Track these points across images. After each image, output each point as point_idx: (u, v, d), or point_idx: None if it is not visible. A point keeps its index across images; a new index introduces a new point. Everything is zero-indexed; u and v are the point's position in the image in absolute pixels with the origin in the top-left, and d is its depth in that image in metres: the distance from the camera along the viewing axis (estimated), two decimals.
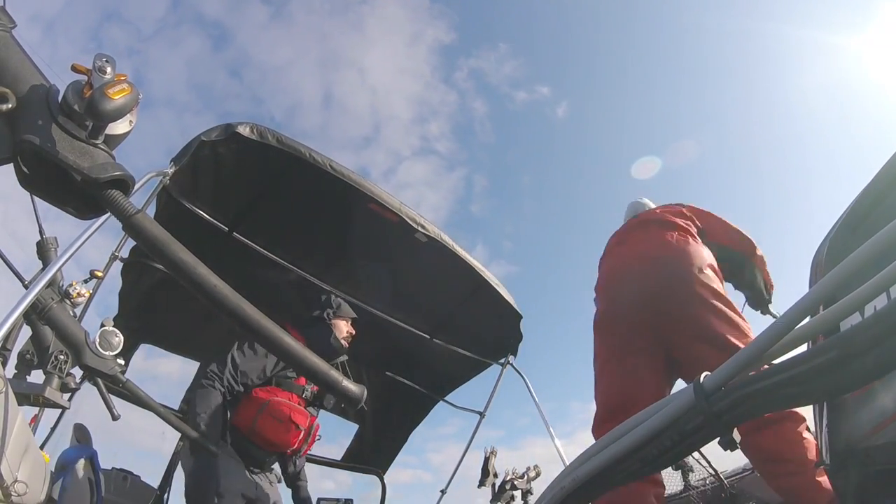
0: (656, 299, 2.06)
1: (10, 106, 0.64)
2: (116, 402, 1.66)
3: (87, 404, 1.79)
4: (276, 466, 2.37)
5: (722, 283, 2.15)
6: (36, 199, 1.31)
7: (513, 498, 2.96)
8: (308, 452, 2.49)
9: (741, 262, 2.37)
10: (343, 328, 2.45)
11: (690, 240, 2.21)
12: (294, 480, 2.44)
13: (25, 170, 0.67)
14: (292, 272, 2.92)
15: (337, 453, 3.67)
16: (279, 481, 2.38)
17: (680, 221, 2.31)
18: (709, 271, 2.09)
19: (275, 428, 2.13)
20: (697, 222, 2.35)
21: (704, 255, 2.15)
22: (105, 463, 2.17)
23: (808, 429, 1.81)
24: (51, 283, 1.46)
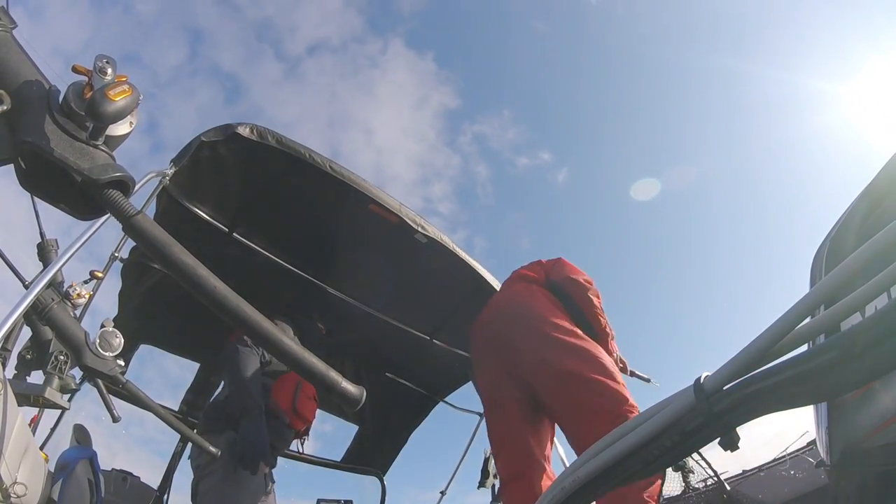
0: (504, 340, 2.22)
1: (5, 108, 0.64)
2: (116, 402, 1.66)
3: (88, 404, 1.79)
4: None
5: (563, 317, 2.22)
6: (36, 199, 1.31)
7: None
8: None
9: (570, 303, 2.36)
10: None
11: (536, 287, 2.38)
12: None
13: (26, 170, 0.67)
14: (292, 272, 2.92)
15: (337, 454, 3.68)
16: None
17: (532, 273, 2.48)
18: (546, 308, 2.22)
19: (309, 406, 2.33)
20: (549, 270, 2.49)
21: (544, 297, 2.29)
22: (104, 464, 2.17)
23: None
24: (51, 284, 1.46)
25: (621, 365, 2.33)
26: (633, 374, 2.51)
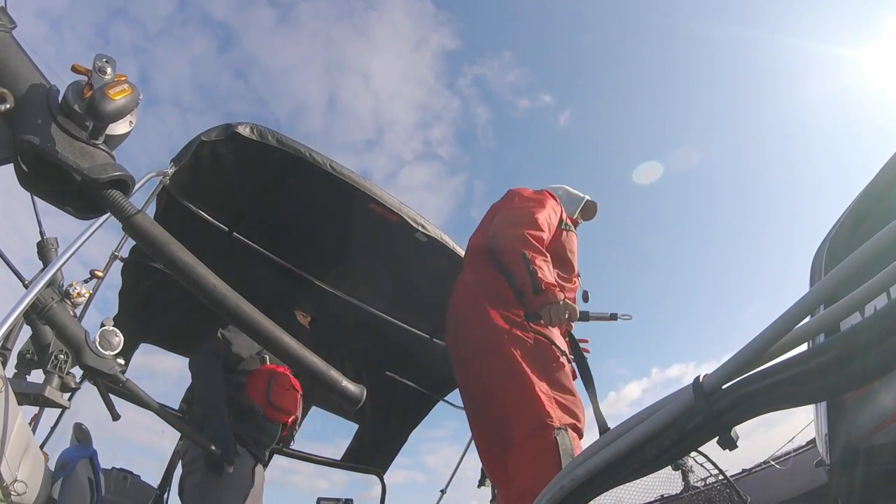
0: (453, 353, 2.10)
1: (7, 106, 0.64)
2: (116, 401, 1.66)
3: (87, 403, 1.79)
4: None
5: (502, 317, 1.90)
6: (36, 199, 1.31)
7: None
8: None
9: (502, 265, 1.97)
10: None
11: (473, 280, 2.05)
12: None
13: (26, 170, 0.67)
14: (292, 272, 2.92)
15: (337, 453, 3.68)
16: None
17: (477, 240, 2.18)
18: (476, 325, 1.94)
19: (287, 396, 2.23)
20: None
21: (480, 294, 1.98)
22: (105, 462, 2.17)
23: None
24: (51, 283, 1.46)
25: (568, 315, 1.83)
26: (588, 317, 2.10)
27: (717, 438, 0.51)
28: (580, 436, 1.73)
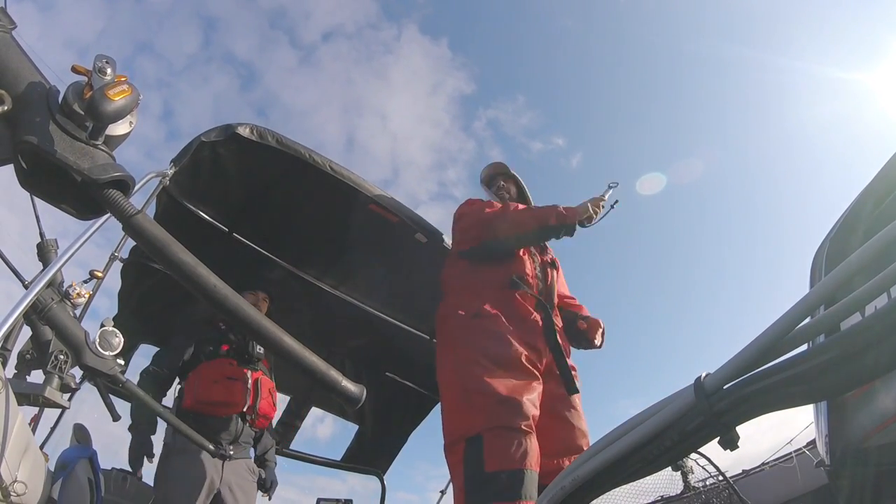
0: None
1: (7, 108, 0.64)
2: (116, 402, 1.66)
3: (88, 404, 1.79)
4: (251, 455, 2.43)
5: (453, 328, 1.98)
6: (36, 199, 1.31)
7: None
8: (273, 417, 2.57)
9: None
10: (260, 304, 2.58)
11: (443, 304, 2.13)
12: (261, 462, 2.51)
13: (26, 170, 0.67)
14: (292, 273, 2.92)
15: (337, 454, 3.68)
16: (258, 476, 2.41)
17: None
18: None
19: (216, 389, 2.24)
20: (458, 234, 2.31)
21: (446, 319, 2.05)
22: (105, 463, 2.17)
23: None
24: (51, 284, 1.46)
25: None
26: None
27: (718, 439, 0.51)
28: (519, 432, 1.63)
